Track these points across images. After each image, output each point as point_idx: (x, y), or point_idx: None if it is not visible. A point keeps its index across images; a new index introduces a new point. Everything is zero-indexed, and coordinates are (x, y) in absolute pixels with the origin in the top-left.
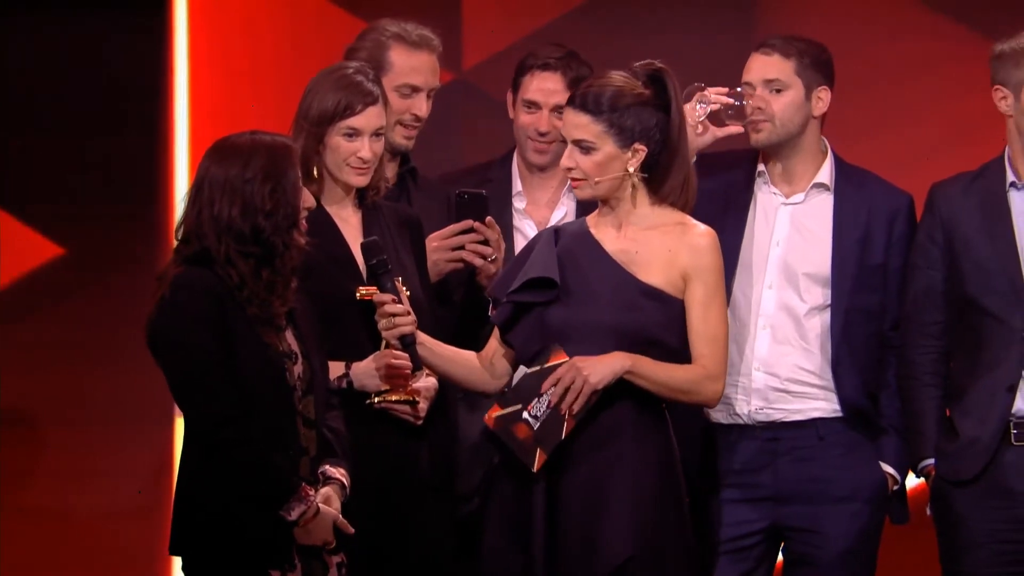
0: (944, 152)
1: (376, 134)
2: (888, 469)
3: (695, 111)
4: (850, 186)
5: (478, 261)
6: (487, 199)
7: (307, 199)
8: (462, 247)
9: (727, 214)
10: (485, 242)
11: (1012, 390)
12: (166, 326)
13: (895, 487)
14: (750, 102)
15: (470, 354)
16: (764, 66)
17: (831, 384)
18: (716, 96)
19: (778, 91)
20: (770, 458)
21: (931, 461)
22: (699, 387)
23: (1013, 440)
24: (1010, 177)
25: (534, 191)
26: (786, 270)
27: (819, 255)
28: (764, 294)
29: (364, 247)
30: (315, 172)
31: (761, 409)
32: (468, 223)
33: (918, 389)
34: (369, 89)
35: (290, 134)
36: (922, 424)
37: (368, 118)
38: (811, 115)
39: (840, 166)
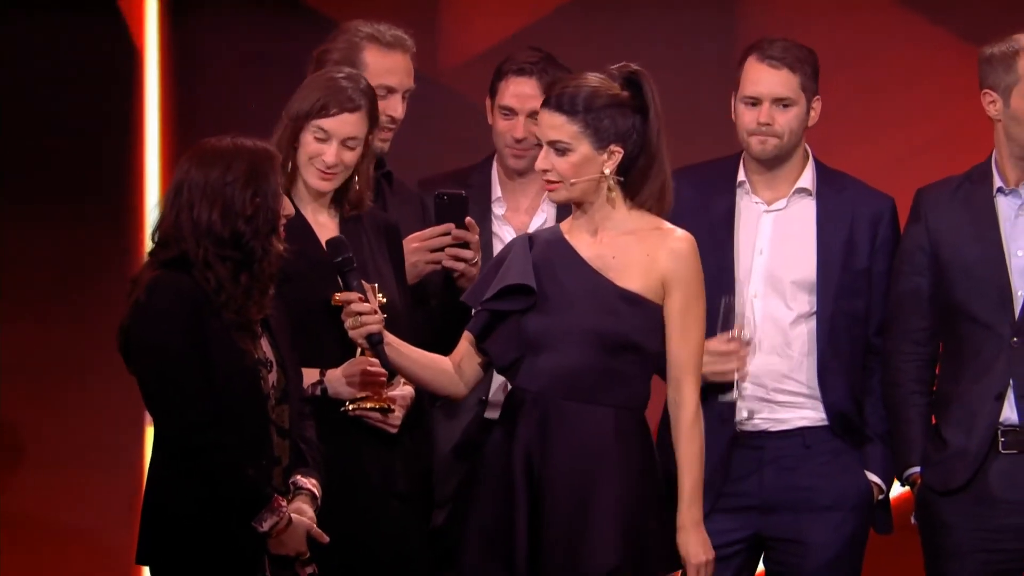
0: (927, 155)
1: (347, 143)
2: (873, 478)
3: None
4: (831, 190)
5: (459, 266)
6: (467, 201)
7: (287, 206)
8: (442, 249)
9: (709, 224)
10: (466, 245)
11: (1000, 398)
12: (140, 329)
13: (880, 496)
14: (755, 147)
15: (440, 358)
16: (774, 82)
17: (817, 392)
18: (740, 358)
19: (785, 107)
20: (755, 466)
21: (917, 469)
22: (701, 436)
23: (1001, 448)
24: (997, 182)
25: (513, 197)
26: (771, 278)
27: (804, 261)
28: (750, 304)
29: (329, 244)
30: (288, 167)
31: (747, 419)
32: (448, 226)
33: (904, 397)
34: (351, 96)
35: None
36: (908, 432)
37: (340, 123)
38: (806, 125)
39: (820, 170)
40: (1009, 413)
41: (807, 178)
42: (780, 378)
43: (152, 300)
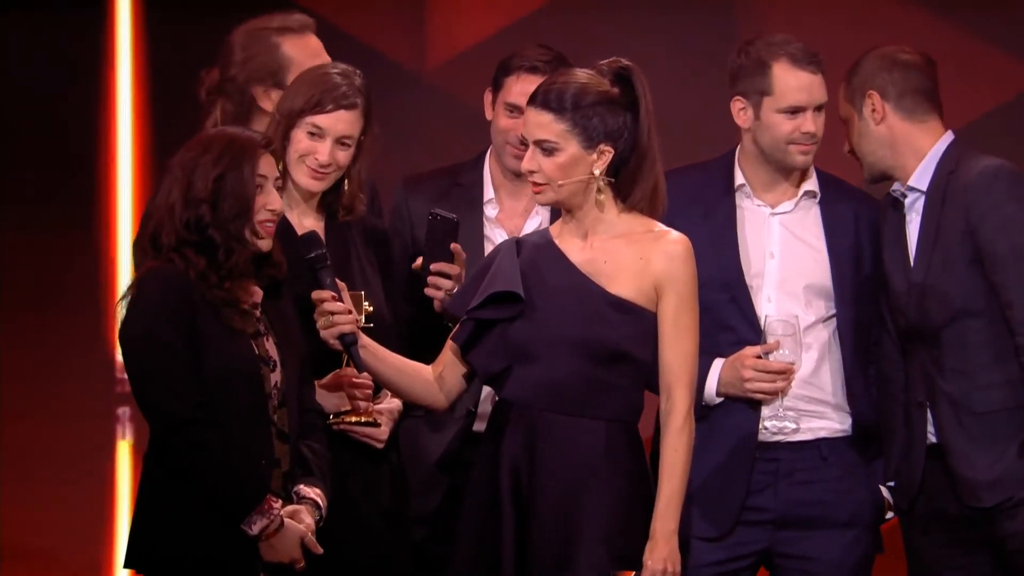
0: None
1: (342, 141)
2: (887, 493)
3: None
4: (833, 194)
5: (438, 294)
6: (458, 226)
7: (273, 201)
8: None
9: (709, 229)
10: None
11: (921, 407)
12: (130, 321)
13: (892, 512)
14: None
15: (421, 366)
16: (818, 88)
17: (842, 401)
18: (787, 379)
19: (819, 110)
20: (770, 479)
21: (891, 484)
22: (687, 446)
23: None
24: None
25: (507, 199)
26: (785, 282)
27: (817, 265)
28: (763, 308)
29: (302, 240)
30: (280, 166)
31: (794, 431)
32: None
33: (894, 409)
34: (345, 92)
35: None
36: (890, 445)
37: (335, 120)
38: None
39: (820, 173)
40: (930, 427)
41: (813, 181)
42: (803, 384)
43: (142, 291)
